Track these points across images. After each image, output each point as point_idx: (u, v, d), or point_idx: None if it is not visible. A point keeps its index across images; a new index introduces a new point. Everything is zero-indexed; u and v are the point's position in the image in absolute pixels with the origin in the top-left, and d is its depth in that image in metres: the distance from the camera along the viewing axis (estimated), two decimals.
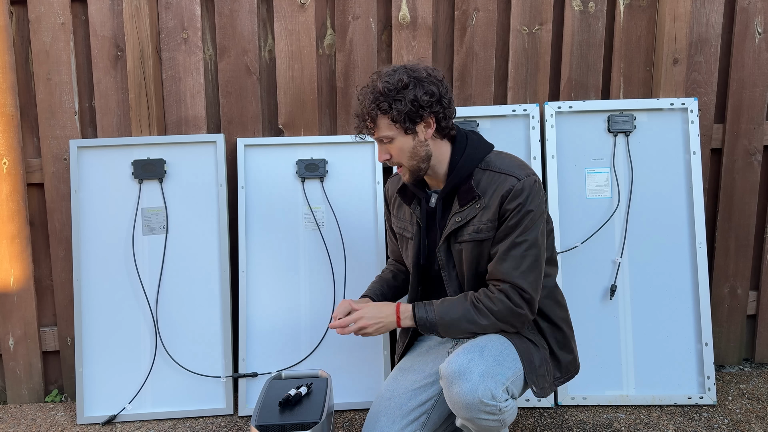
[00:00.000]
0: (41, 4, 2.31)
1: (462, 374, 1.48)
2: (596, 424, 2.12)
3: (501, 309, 1.56)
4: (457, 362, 1.50)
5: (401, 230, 1.81)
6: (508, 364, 1.54)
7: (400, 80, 1.54)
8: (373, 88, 1.57)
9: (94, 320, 2.28)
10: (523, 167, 1.60)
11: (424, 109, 1.55)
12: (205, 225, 2.32)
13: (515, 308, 1.56)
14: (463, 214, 1.61)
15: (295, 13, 2.38)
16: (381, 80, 1.56)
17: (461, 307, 1.59)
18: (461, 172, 1.62)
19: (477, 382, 1.47)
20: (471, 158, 1.62)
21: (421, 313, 1.61)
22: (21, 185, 2.37)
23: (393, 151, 1.60)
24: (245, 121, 2.42)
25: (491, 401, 1.47)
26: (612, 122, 2.31)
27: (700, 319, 2.25)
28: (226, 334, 2.29)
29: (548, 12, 2.40)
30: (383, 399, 1.75)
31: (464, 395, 1.46)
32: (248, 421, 2.23)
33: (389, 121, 1.56)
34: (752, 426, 2.10)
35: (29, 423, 2.27)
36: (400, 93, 1.54)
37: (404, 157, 1.60)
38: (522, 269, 1.55)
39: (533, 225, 1.55)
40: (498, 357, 1.53)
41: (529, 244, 1.55)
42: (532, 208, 1.54)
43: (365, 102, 1.58)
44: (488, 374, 1.48)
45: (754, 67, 2.43)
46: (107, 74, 2.37)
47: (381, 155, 1.63)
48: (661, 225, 2.30)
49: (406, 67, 1.58)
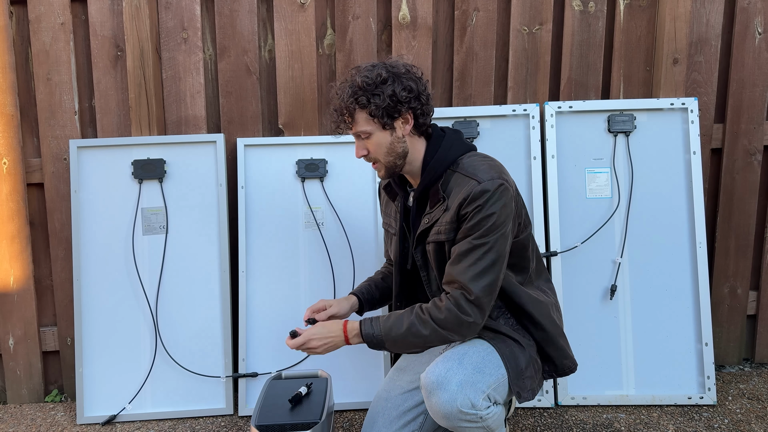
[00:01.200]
0: (41, 4, 2.31)
1: (440, 384, 1.46)
2: (596, 424, 2.12)
3: (447, 317, 1.49)
4: (435, 372, 1.48)
5: (387, 226, 1.84)
6: (489, 371, 1.51)
7: (379, 75, 1.53)
8: (352, 82, 1.56)
9: (94, 320, 2.28)
10: (491, 170, 1.52)
11: (402, 104, 1.54)
12: (205, 225, 2.32)
13: (462, 316, 1.48)
14: (432, 215, 1.59)
15: (295, 13, 2.38)
16: (360, 75, 1.55)
17: (406, 321, 1.53)
18: (431, 173, 1.60)
19: (455, 392, 1.45)
20: (442, 159, 1.60)
21: (367, 329, 1.57)
22: (21, 185, 2.37)
23: (370, 147, 1.60)
24: (245, 121, 2.42)
25: (471, 410, 1.45)
26: (612, 122, 2.31)
27: (700, 319, 2.25)
28: (226, 334, 2.29)
29: (548, 12, 2.40)
30: (380, 399, 1.74)
31: (442, 405, 1.45)
32: (248, 421, 2.23)
33: (367, 115, 1.56)
34: (752, 426, 2.10)
35: (29, 423, 2.27)
36: (378, 87, 1.53)
37: (381, 152, 1.60)
38: (476, 272, 1.48)
39: (494, 229, 1.48)
40: (478, 364, 1.50)
41: (488, 248, 1.48)
42: (492, 211, 1.47)
43: (343, 96, 1.57)
44: (467, 383, 1.46)
45: (754, 67, 2.43)
46: (107, 74, 2.37)
47: (358, 151, 1.62)
48: (661, 225, 2.30)
49: (385, 62, 1.59)
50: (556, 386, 2.26)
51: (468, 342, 1.58)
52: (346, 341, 1.60)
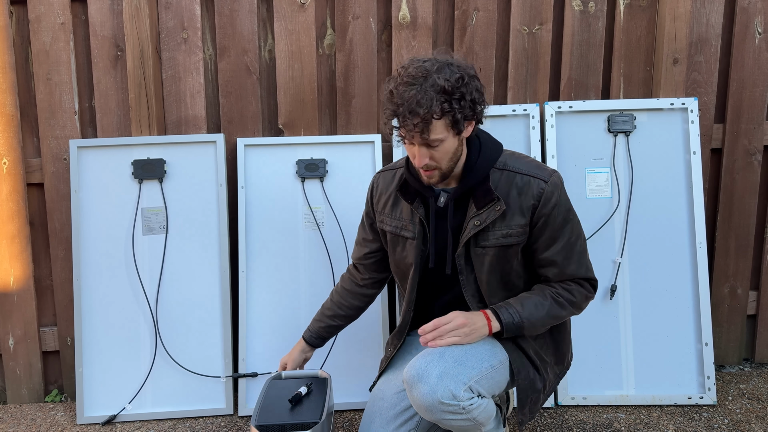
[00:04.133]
0: (41, 4, 2.31)
1: (420, 377, 1.45)
2: (596, 424, 2.12)
3: (579, 299, 1.60)
4: (416, 366, 1.48)
5: (397, 229, 1.68)
6: (471, 364, 1.49)
7: (460, 77, 1.39)
8: (432, 85, 1.37)
9: (94, 320, 2.28)
10: (542, 167, 1.56)
11: (477, 106, 1.43)
12: (205, 225, 2.32)
13: (589, 294, 1.62)
14: (482, 217, 1.53)
15: (295, 13, 2.38)
16: (438, 76, 1.37)
17: (545, 305, 1.56)
18: (478, 173, 1.53)
19: (435, 383, 1.43)
20: (488, 158, 1.54)
21: (507, 317, 1.54)
22: (21, 185, 2.37)
23: (438, 155, 1.45)
24: (245, 121, 2.42)
25: (452, 401, 1.43)
26: (612, 122, 2.31)
27: (700, 319, 2.25)
28: (226, 334, 2.29)
29: (548, 12, 2.40)
30: (376, 399, 1.73)
31: (423, 397, 1.44)
32: (248, 421, 2.23)
33: (447, 122, 1.40)
34: (752, 426, 2.10)
35: (29, 423, 2.27)
36: (458, 90, 1.38)
37: (446, 159, 1.47)
38: (585, 264, 1.61)
39: (574, 216, 1.59)
40: (459, 358, 1.48)
41: (580, 237, 1.60)
42: (568, 204, 1.57)
43: (423, 102, 1.36)
44: (447, 375, 1.44)
45: (754, 67, 2.43)
46: (107, 74, 2.37)
47: (422, 160, 1.46)
48: (661, 225, 2.30)
49: (448, 60, 1.43)
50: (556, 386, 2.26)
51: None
52: (489, 331, 1.55)
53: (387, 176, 1.76)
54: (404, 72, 1.42)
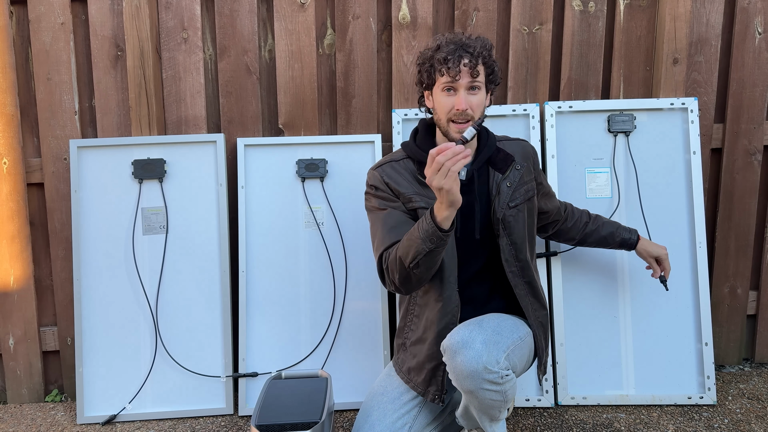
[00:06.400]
0: (41, 4, 2.31)
1: (465, 343, 1.51)
2: (596, 424, 2.12)
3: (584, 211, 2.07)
4: (459, 334, 1.54)
5: (432, 202, 1.67)
6: (507, 333, 1.59)
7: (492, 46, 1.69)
8: (483, 41, 1.66)
9: (94, 320, 2.28)
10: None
11: (497, 78, 1.72)
12: (205, 225, 2.32)
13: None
14: (510, 179, 1.75)
15: (295, 13, 2.38)
16: (480, 39, 1.66)
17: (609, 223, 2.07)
18: (491, 144, 1.77)
19: (480, 349, 1.50)
20: (491, 134, 1.80)
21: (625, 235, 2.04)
22: (21, 185, 2.37)
23: (474, 102, 1.64)
24: (245, 121, 2.42)
25: (495, 368, 1.49)
26: (612, 122, 2.31)
27: (700, 318, 2.25)
28: (226, 334, 2.29)
29: (548, 12, 2.40)
30: (376, 395, 1.76)
31: (468, 363, 1.49)
32: (248, 420, 2.23)
33: (486, 72, 1.66)
34: (752, 426, 2.10)
35: (29, 423, 2.27)
36: (492, 54, 1.68)
37: (478, 111, 1.66)
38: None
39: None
40: (496, 327, 1.59)
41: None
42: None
43: (474, 44, 1.63)
44: (490, 342, 1.52)
45: (754, 67, 2.43)
46: (107, 74, 2.37)
47: (463, 102, 1.63)
48: (662, 225, 2.30)
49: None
50: (556, 386, 2.26)
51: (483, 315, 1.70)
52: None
53: (388, 168, 1.75)
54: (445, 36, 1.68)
